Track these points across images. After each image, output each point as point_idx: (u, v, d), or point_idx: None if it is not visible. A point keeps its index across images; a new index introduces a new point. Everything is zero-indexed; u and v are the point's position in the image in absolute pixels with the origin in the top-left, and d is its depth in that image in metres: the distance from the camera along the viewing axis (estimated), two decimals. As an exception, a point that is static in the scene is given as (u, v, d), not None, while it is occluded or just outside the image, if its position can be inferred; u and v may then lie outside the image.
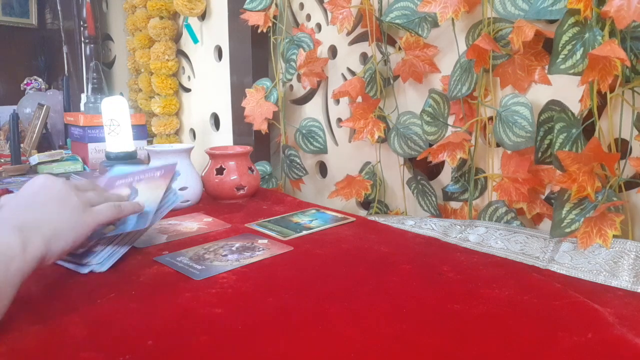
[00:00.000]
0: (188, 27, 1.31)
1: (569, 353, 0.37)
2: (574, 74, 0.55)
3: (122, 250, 0.57)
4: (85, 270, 0.53)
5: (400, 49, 0.80)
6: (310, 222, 0.74)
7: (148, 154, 1.11)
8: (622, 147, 0.58)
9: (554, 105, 0.60)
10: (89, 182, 0.56)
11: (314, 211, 0.80)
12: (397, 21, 0.76)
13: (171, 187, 0.63)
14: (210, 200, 0.89)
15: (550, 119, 0.60)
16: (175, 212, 0.80)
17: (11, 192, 0.88)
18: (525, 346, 0.38)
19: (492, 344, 0.38)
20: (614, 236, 0.54)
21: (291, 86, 1.07)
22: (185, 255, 0.58)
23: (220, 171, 0.87)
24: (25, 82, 1.99)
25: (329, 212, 0.80)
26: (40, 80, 2.01)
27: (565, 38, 0.55)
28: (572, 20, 0.54)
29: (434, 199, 0.80)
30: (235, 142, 1.18)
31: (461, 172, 0.75)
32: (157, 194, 0.60)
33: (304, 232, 0.68)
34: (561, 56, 0.55)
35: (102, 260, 0.54)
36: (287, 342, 0.39)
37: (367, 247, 0.62)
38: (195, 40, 1.31)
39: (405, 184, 0.85)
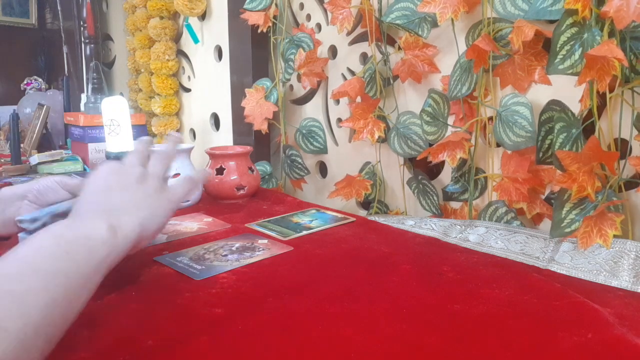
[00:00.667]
0: (188, 27, 1.31)
1: (569, 353, 0.37)
2: (572, 74, 0.55)
3: None
4: None
5: (399, 48, 0.80)
6: (311, 222, 0.74)
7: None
8: (622, 147, 0.58)
9: (555, 105, 0.60)
10: (144, 151, 0.53)
11: (314, 211, 0.80)
12: (398, 22, 0.76)
13: None
14: (210, 200, 0.89)
15: (551, 119, 0.60)
16: (175, 212, 0.80)
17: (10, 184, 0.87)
18: (525, 346, 0.38)
19: (492, 344, 0.38)
20: (614, 236, 0.54)
21: (291, 86, 1.07)
22: (185, 255, 0.58)
23: (220, 171, 0.87)
24: (25, 82, 1.99)
25: (329, 212, 0.80)
26: (40, 80, 2.01)
27: (563, 38, 0.55)
28: (570, 20, 0.54)
29: (435, 198, 0.80)
30: (235, 142, 1.18)
31: (461, 172, 0.75)
32: None
33: (304, 232, 0.68)
34: (559, 56, 0.55)
35: None
36: (287, 342, 0.39)
37: (367, 247, 0.62)
38: (196, 40, 1.31)
39: (406, 183, 0.85)
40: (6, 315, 0.29)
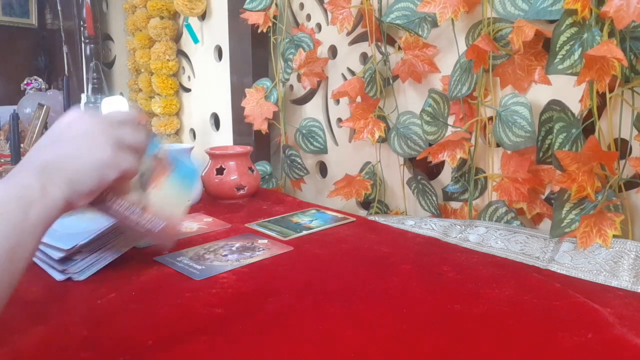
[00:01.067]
0: (188, 27, 1.31)
1: (569, 353, 0.37)
2: (572, 74, 0.55)
3: (105, 261, 0.54)
4: (61, 277, 0.51)
5: (399, 48, 0.80)
6: (310, 222, 0.74)
7: (148, 154, 1.10)
8: (622, 147, 0.58)
9: (555, 105, 0.60)
10: (129, 116, 0.49)
11: (314, 211, 0.80)
12: (398, 22, 0.76)
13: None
14: (211, 200, 0.89)
15: (551, 118, 0.60)
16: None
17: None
18: (525, 346, 0.38)
19: (492, 344, 0.38)
20: (614, 236, 0.54)
21: (291, 86, 1.07)
22: (185, 255, 0.58)
23: (220, 171, 0.87)
24: (25, 82, 1.99)
25: (329, 212, 0.80)
26: (40, 80, 2.01)
27: (563, 38, 0.55)
28: (570, 20, 0.54)
29: (434, 198, 0.80)
30: (235, 142, 1.18)
31: (461, 172, 0.75)
32: (179, 198, 0.55)
33: (304, 232, 0.68)
34: (559, 56, 0.55)
35: (80, 270, 0.52)
36: (287, 342, 0.39)
37: (367, 247, 0.62)
38: (196, 40, 1.31)
39: (406, 183, 0.85)
40: None
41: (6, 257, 0.34)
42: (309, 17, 1.00)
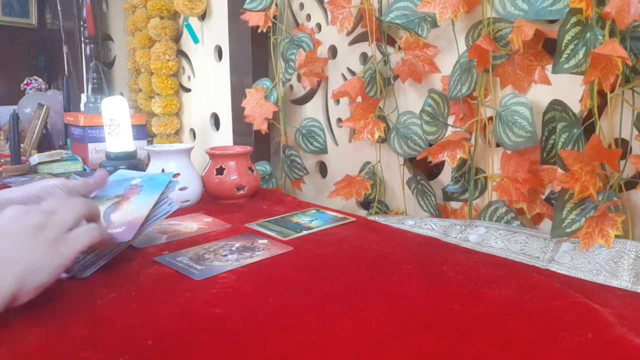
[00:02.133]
0: (188, 27, 1.31)
1: (569, 353, 0.37)
2: (577, 73, 0.55)
3: (104, 259, 0.54)
4: (64, 275, 0.51)
5: (400, 48, 0.80)
6: (310, 222, 0.74)
7: (148, 154, 1.11)
8: (622, 147, 0.58)
9: (557, 105, 0.60)
10: (57, 198, 0.49)
11: (314, 211, 0.80)
12: (397, 21, 0.76)
13: (166, 197, 0.60)
14: (210, 200, 0.89)
15: (554, 118, 0.60)
16: (176, 212, 0.80)
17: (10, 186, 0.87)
18: (525, 346, 0.38)
19: (492, 344, 0.38)
20: (615, 236, 0.54)
21: (291, 86, 1.07)
22: (185, 255, 0.58)
23: (220, 171, 0.87)
24: (25, 82, 1.99)
25: (329, 212, 0.80)
26: (40, 80, 2.01)
27: (567, 37, 0.55)
28: (574, 19, 0.54)
29: (433, 199, 0.80)
30: (235, 142, 1.18)
31: (461, 172, 0.75)
32: (148, 202, 0.57)
33: (304, 232, 0.68)
34: (564, 55, 0.55)
35: (82, 268, 0.52)
36: (287, 342, 0.39)
37: (367, 247, 0.62)
38: (196, 40, 1.31)
39: (405, 184, 0.85)
40: None
41: None
42: (309, 17, 1.00)
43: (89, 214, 0.49)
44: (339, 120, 0.97)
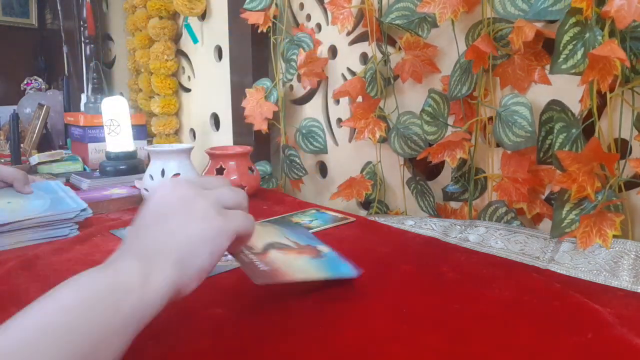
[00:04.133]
0: (188, 27, 1.31)
1: (569, 353, 0.37)
2: (575, 73, 0.55)
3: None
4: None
5: (400, 49, 0.80)
6: (311, 222, 0.74)
7: (148, 154, 1.11)
8: (622, 147, 0.58)
9: (555, 105, 0.60)
10: (216, 178, 0.45)
11: (314, 211, 0.80)
12: (398, 22, 0.76)
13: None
14: (210, 200, 0.89)
15: (551, 119, 0.60)
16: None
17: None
18: (525, 346, 0.38)
19: (492, 344, 0.38)
20: (614, 236, 0.54)
21: (291, 86, 1.07)
22: (185, 255, 0.58)
23: (220, 171, 0.87)
24: (25, 82, 1.99)
25: (329, 212, 0.80)
26: (40, 80, 2.01)
27: (566, 38, 0.55)
28: (573, 20, 0.54)
29: (432, 199, 0.80)
30: (235, 142, 1.18)
31: (461, 172, 0.75)
32: (315, 274, 0.48)
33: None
34: (562, 56, 0.55)
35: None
36: (287, 342, 0.39)
37: (367, 247, 0.62)
38: (195, 40, 1.31)
39: (405, 184, 0.85)
40: None
41: (81, 355, 0.28)
42: (309, 17, 1.00)
43: (245, 207, 0.42)
44: (339, 120, 0.97)
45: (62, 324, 0.28)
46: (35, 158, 1.13)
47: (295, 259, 0.47)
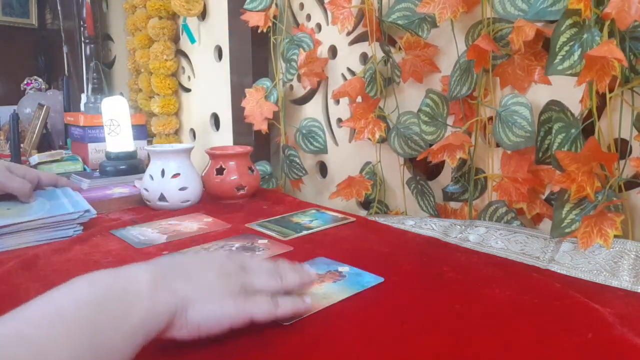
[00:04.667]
0: (185, 27, 1.31)
1: (569, 353, 0.37)
2: (572, 74, 0.55)
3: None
4: None
5: (400, 49, 0.80)
6: (311, 222, 0.74)
7: (148, 154, 1.11)
8: (622, 147, 0.58)
9: (554, 106, 0.60)
10: (263, 264, 0.44)
11: (314, 211, 0.81)
12: (399, 22, 0.76)
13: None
14: (210, 200, 0.89)
15: (550, 119, 0.60)
16: (176, 212, 0.80)
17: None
18: (525, 346, 0.38)
19: (493, 344, 0.38)
20: (615, 236, 0.54)
21: (291, 86, 1.07)
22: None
23: (220, 171, 0.87)
24: (25, 82, 1.99)
25: (329, 212, 0.80)
26: (40, 80, 2.01)
27: (563, 39, 0.55)
28: (570, 21, 0.54)
29: (432, 199, 0.80)
30: (235, 142, 1.18)
31: (461, 173, 0.75)
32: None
33: (304, 232, 0.69)
34: (559, 57, 0.55)
35: None
36: (287, 342, 0.39)
37: (367, 247, 0.62)
38: (193, 41, 1.31)
39: (405, 184, 0.85)
40: None
41: (90, 349, 0.29)
42: (309, 17, 1.00)
43: (282, 291, 0.42)
44: (339, 120, 0.97)
45: (75, 315, 0.29)
46: (35, 158, 1.13)
47: (317, 289, 0.48)
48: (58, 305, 0.30)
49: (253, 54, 1.08)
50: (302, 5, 1.01)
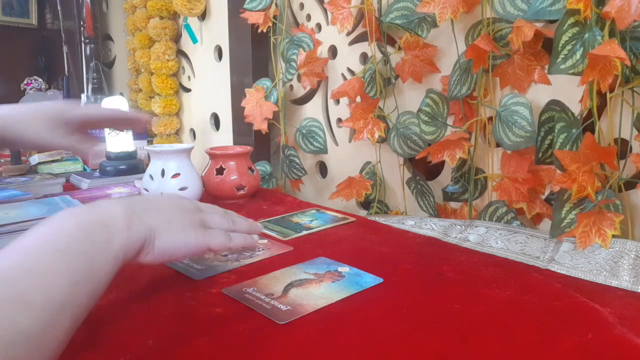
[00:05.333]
0: (187, 27, 1.31)
1: (569, 353, 0.37)
2: (574, 74, 0.55)
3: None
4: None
5: (400, 48, 0.80)
6: (310, 222, 0.74)
7: (148, 154, 1.11)
8: (622, 147, 0.58)
9: (555, 105, 0.60)
10: (216, 208, 0.54)
11: (314, 211, 0.81)
12: (397, 22, 0.76)
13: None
14: (210, 200, 0.89)
15: (551, 118, 0.60)
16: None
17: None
18: (525, 346, 0.38)
19: (493, 344, 0.38)
20: (614, 236, 0.54)
21: (291, 86, 1.07)
22: (185, 256, 0.58)
23: (220, 171, 0.87)
24: (25, 82, 1.99)
25: (329, 212, 0.80)
26: (40, 80, 2.01)
27: (565, 38, 0.55)
28: (571, 20, 0.54)
29: (432, 199, 0.80)
30: (235, 142, 1.18)
31: (461, 172, 0.75)
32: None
33: (304, 232, 0.68)
34: (561, 56, 0.55)
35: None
36: (287, 342, 0.39)
37: (367, 247, 0.62)
38: (195, 41, 1.31)
39: (405, 184, 0.85)
40: (29, 289, 0.29)
41: (87, 277, 0.34)
42: (309, 17, 1.00)
43: (231, 230, 0.50)
44: (339, 120, 0.97)
45: (68, 247, 0.34)
46: (35, 158, 1.13)
47: (316, 289, 0.49)
48: (51, 239, 0.34)
49: (253, 54, 1.08)
50: (302, 5, 1.01)
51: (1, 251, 0.32)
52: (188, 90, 1.40)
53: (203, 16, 1.27)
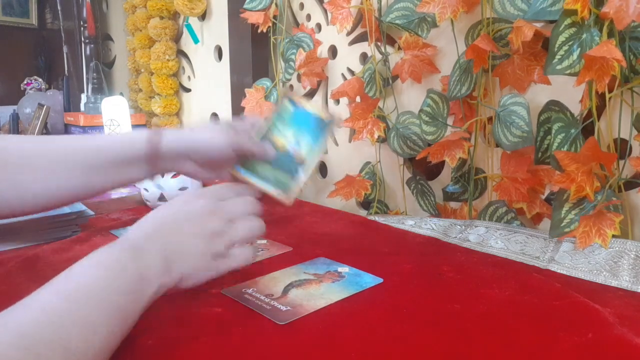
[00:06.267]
0: (188, 27, 1.31)
1: (569, 353, 0.37)
2: (570, 74, 0.55)
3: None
4: None
5: (399, 48, 0.80)
6: (297, 143, 0.56)
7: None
8: (622, 147, 0.58)
9: (553, 106, 0.60)
10: (232, 192, 0.50)
11: (289, 107, 0.59)
12: (397, 21, 0.76)
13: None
14: (210, 200, 0.89)
15: (549, 119, 0.60)
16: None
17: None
18: (525, 346, 0.38)
19: (493, 344, 0.38)
20: (614, 236, 0.54)
21: (291, 86, 1.07)
22: (185, 256, 0.58)
23: (220, 171, 0.86)
24: (25, 82, 1.99)
25: (309, 111, 0.59)
26: (40, 80, 2.01)
27: (561, 39, 0.55)
28: (568, 21, 0.54)
29: (432, 199, 0.80)
30: (235, 142, 1.18)
31: (461, 172, 0.75)
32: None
33: (301, 175, 0.56)
34: (557, 57, 0.55)
35: None
36: (287, 342, 0.39)
37: (367, 247, 0.62)
38: (196, 40, 1.31)
39: (405, 184, 0.85)
40: (72, 337, 0.31)
41: (120, 331, 0.36)
42: (309, 17, 1.00)
43: (256, 237, 0.49)
44: (339, 120, 0.97)
45: (106, 296, 0.36)
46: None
47: (315, 289, 0.49)
48: (96, 290, 0.36)
49: (253, 54, 1.08)
50: (302, 5, 1.01)
51: (49, 288, 0.35)
52: (188, 90, 1.40)
53: (203, 16, 1.27)
